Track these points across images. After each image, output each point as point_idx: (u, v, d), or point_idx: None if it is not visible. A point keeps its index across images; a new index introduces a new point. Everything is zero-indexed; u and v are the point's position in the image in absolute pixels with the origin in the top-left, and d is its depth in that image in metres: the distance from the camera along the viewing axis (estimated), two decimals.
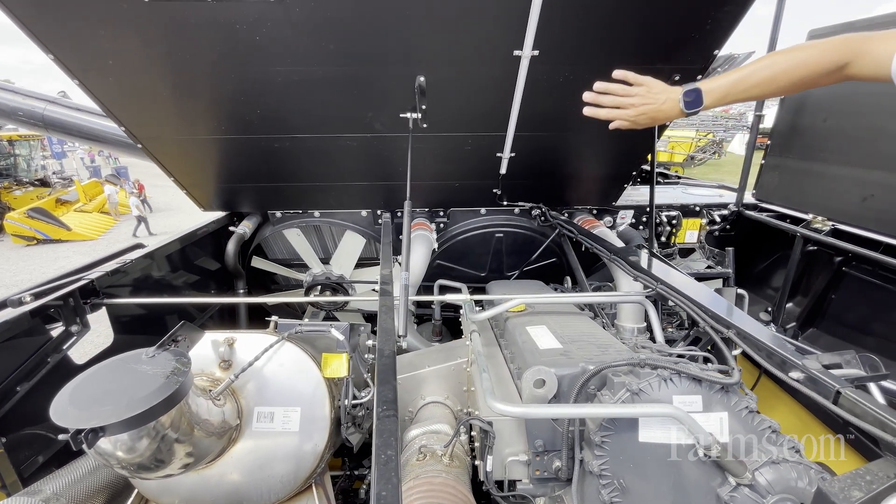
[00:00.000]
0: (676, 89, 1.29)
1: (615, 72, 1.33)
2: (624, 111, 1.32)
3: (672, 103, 1.28)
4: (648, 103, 1.30)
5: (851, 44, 1.13)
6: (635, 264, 1.85)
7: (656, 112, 1.30)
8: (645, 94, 1.30)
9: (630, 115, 1.32)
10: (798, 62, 1.17)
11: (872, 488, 0.87)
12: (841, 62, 1.13)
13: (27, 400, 1.47)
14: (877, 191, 2.08)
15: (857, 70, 1.13)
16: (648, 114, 1.31)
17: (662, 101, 1.29)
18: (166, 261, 2.30)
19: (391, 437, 0.87)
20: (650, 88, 1.30)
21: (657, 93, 1.29)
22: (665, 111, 1.30)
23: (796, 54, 1.19)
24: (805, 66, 1.17)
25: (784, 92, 1.24)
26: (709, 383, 1.16)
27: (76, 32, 1.58)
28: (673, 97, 1.28)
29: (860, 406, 0.97)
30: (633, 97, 1.30)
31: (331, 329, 1.43)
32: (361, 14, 1.55)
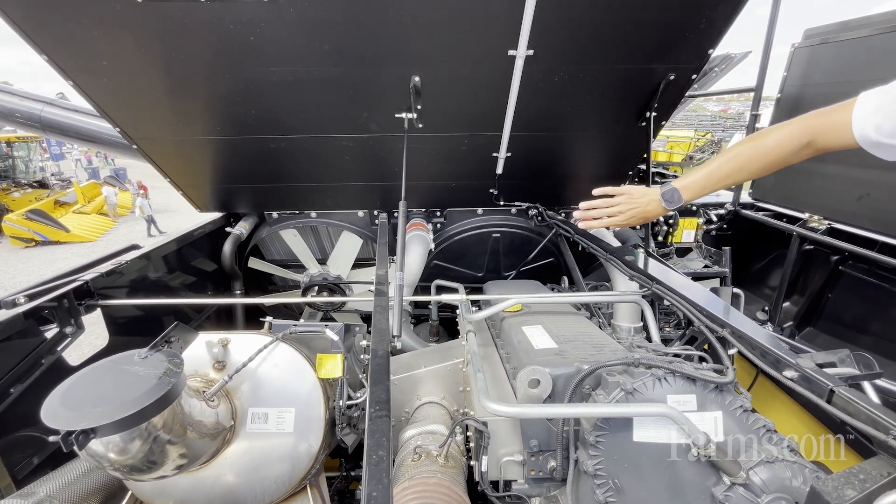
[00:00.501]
0: (655, 190, 1.39)
1: (594, 191, 1.47)
2: (614, 218, 1.44)
3: (655, 204, 1.39)
4: (633, 207, 1.41)
5: (809, 122, 1.17)
6: (631, 264, 1.85)
7: (643, 213, 1.42)
8: (627, 202, 1.42)
9: (620, 220, 1.44)
10: (762, 149, 1.23)
11: (866, 487, 0.87)
12: (804, 141, 1.18)
13: (21, 402, 1.47)
14: (872, 189, 2.08)
15: (824, 143, 1.16)
16: (637, 216, 1.42)
17: (646, 204, 1.40)
18: (162, 262, 2.30)
19: (383, 438, 0.87)
20: (630, 195, 1.42)
21: (638, 198, 1.41)
22: (651, 210, 1.41)
23: (758, 143, 1.24)
24: (769, 152, 1.22)
25: (759, 174, 1.30)
26: (703, 382, 1.16)
27: (70, 34, 1.58)
28: (654, 198, 1.39)
29: (853, 405, 0.97)
30: (618, 205, 1.43)
31: (325, 330, 1.43)
32: (355, 14, 1.55)
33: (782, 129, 1.21)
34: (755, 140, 1.26)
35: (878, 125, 1.04)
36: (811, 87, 2.46)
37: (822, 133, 1.15)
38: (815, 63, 2.44)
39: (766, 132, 1.24)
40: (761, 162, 1.24)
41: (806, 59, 2.49)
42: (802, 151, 1.19)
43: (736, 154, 1.28)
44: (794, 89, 2.56)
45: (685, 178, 1.37)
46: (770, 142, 1.22)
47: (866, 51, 2.17)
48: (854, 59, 2.23)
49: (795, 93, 2.55)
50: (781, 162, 1.23)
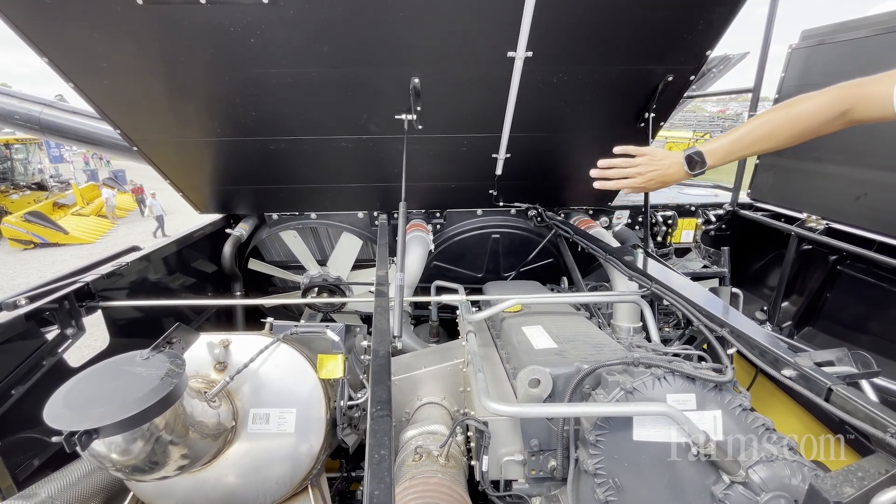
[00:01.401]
0: (678, 154, 1.33)
1: (616, 148, 1.40)
2: (632, 180, 1.38)
3: (677, 167, 1.33)
4: (654, 169, 1.36)
5: (848, 91, 1.14)
6: (630, 264, 1.86)
7: (663, 176, 1.36)
8: (648, 163, 1.36)
9: (638, 182, 1.38)
10: (796, 115, 1.19)
11: (864, 484, 0.88)
12: (840, 110, 1.14)
13: (22, 403, 1.47)
14: (870, 189, 2.09)
15: (861, 114, 1.13)
16: (656, 179, 1.37)
17: (667, 166, 1.34)
18: (163, 263, 2.30)
19: (384, 437, 0.87)
20: (652, 157, 1.36)
21: (660, 159, 1.35)
22: (672, 174, 1.35)
23: (794, 108, 1.20)
24: (804, 118, 1.18)
25: (787, 144, 1.24)
26: (702, 382, 1.17)
27: (70, 36, 1.58)
28: (676, 161, 1.33)
29: (851, 403, 0.98)
30: (638, 167, 1.37)
31: (326, 330, 1.43)
32: (355, 16, 1.56)
33: (818, 97, 1.17)
34: (789, 107, 1.21)
35: None
36: (809, 88, 2.44)
37: (859, 102, 1.12)
38: (813, 64, 2.46)
39: (799, 99, 1.20)
40: (793, 129, 1.19)
41: (803, 59, 2.51)
42: (836, 121, 1.16)
43: (767, 120, 1.23)
44: (792, 90, 2.57)
45: (711, 143, 1.31)
46: (804, 108, 1.18)
47: (863, 52, 2.18)
48: (851, 60, 2.24)
49: (793, 93, 2.52)
50: (813, 131, 1.19)
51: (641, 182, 1.38)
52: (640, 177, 1.37)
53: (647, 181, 1.37)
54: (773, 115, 1.23)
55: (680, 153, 1.33)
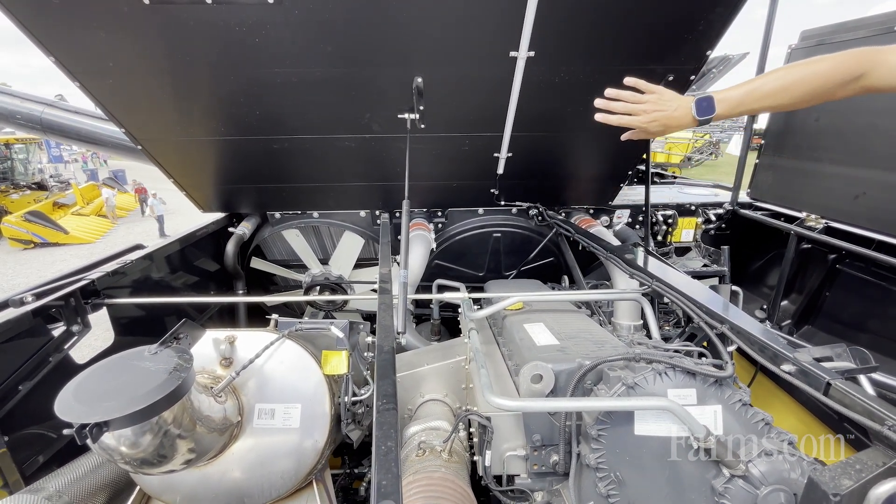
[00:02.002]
0: (688, 98, 1.28)
1: (626, 79, 1.31)
2: (635, 118, 1.30)
3: (684, 110, 1.27)
4: (660, 110, 1.28)
5: (866, 55, 1.13)
6: (631, 262, 1.87)
7: (668, 119, 1.28)
8: (656, 101, 1.28)
9: (642, 121, 1.30)
10: (812, 72, 1.17)
11: (862, 476, 0.89)
12: (856, 73, 1.13)
13: (29, 399, 1.48)
14: (869, 188, 2.11)
15: (874, 81, 1.13)
16: (660, 120, 1.29)
17: (674, 109, 1.27)
18: (166, 261, 2.32)
19: (391, 430, 0.89)
20: (661, 96, 1.29)
21: (668, 100, 1.28)
22: (677, 118, 1.28)
23: (810, 66, 1.18)
24: (819, 77, 1.16)
25: (798, 103, 1.22)
26: (703, 377, 1.18)
27: (77, 35, 1.60)
28: (685, 105, 1.27)
29: (850, 397, 0.99)
30: (645, 104, 1.29)
31: (330, 327, 1.45)
32: (359, 16, 1.57)
33: (837, 57, 1.15)
34: (806, 64, 1.19)
35: None
36: None
37: (876, 68, 1.11)
38: None
39: (818, 58, 1.18)
40: (808, 86, 1.17)
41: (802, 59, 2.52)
42: (851, 85, 1.15)
43: (784, 73, 1.20)
44: None
45: (723, 91, 1.27)
46: (821, 67, 1.16)
47: None
48: None
49: None
50: (827, 92, 1.17)
51: (645, 121, 1.29)
52: (645, 115, 1.28)
53: (651, 121, 1.29)
54: (790, 71, 1.20)
55: (690, 97, 1.27)
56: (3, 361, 1.43)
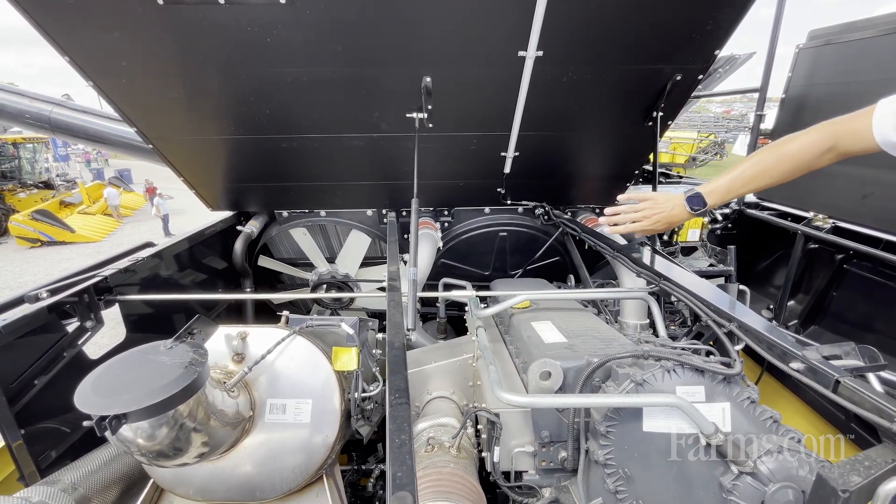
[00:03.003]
0: (679, 196, 1.42)
1: (619, 197, 1.52)
2: (639, 224, 1.48)
3: (679, 209, 1.43)
4: (658, 212, 1.45)
5: (830, 129, 1.22)
6: (638, 261, 1.88)
7: (668, 217, 1.45)
8: (652, 206, 1.46)
9: (646, 225, 1.47)
10: (784, 156, 1.28)
11: (871, 473, 0.90)
12: (826, 147, 1.22)
13: (43, 394, 1.51)
14: (876, 188, 2.11)
15: (846, 149, 1.21)
16: (662, 220, 1.46)
17: (670, 209, 1.44)
18: (176, 259, 2.34)
19: (404, 423, 0.90)
20: (655, 201, 1.46)
21: (662, 202, 1.45)
22: (676, 215, 1.44)
23: (781, 149, 1.29)
24: (792, 158, 1.27)
25: (782, 180, 1.32)
26: (711, 374, 1.19)
27: (92, 35, 1.62)
28: (678, 203, 1.42)
29: (859, 394, 1.00)
30: (643, 210, 1.47)
31: (341, 323, 1.46)
32: (369, 16, 1.59)
33: (804, 136, 1.25)
34: (778, 146, 1.30)
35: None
36: (815, 88, 2.49)
37: (843, 138, 1.20)
38: (820, 64, 2.47)
39: (788, 139, 1.29)
40: (784, 167, 1.28)
41: (810, 59, 2.52)
42: (825, 156, 1.24)
43: (759, 160, 1.32)
44: (799, 90, 2.59)
45: (710, 184, 1.40)
46: (792, 148, 1.26)
47: (870, 52, 2.19)
48: (858, 60, 2.26)
49: (800, 93, 2.58)
50: (805, 167, 1.27)
51: (648, 224, 1.47)
52: (647, 220, 1.46)
53: (654, 223, 1.46)
54: (765, 156, 1.32)
55: (681, 195, 1.43)
56: (19, 356, 1.46)
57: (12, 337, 1.41)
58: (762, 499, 1.11)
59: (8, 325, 1.38)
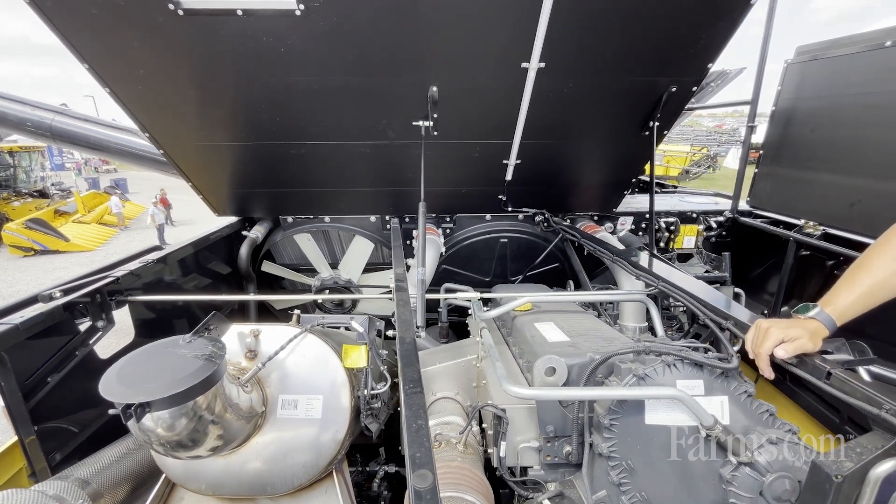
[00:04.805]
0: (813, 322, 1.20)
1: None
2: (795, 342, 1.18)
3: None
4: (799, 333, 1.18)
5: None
6: (637, 264, 1.94)
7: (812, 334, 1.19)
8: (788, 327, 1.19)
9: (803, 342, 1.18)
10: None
11: (862, 458, 0.95)
12: None
13: (56, 391, 1.53)
14: (863, 196, 2.19)
15: None
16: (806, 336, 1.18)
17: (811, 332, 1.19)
18: (183, 263, 2.38)
19: (420, 410, 0.94)
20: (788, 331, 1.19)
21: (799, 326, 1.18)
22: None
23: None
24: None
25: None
26: (710, 368, 1.24)
27: (112, 44, 1.68)
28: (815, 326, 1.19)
29: (849, 384, 1.05)
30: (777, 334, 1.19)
31: (352, 322, 1.50)
32: (380, 27, 1.66)
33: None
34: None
35: None
36: (804, 101, 2.59)
37: None
38: (807, 78, 2.58)
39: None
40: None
41: (798, 74, 2.63)
42: None
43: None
44: (788, 103, 2.70)
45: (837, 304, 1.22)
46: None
47: (854, 67, 2.30)
48: (843, 75, 2.37)
49: (789, 106, 2.69)
50: None
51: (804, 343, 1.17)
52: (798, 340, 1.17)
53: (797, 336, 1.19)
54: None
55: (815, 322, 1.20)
56: (34, 353, 1.48)
57: (28, 334, 1.44)
58: (760, 489, 1.16)
59: (25, 321, 1.41)
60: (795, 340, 1.16)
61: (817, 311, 1.21)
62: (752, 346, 1.23)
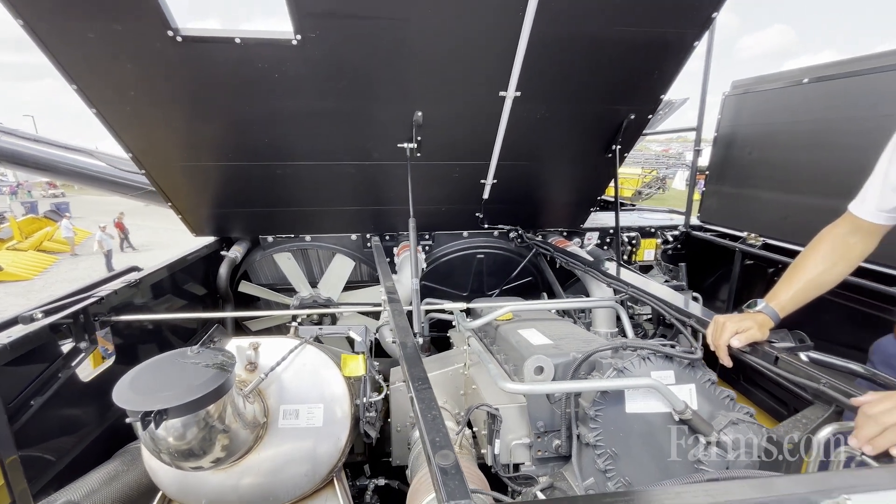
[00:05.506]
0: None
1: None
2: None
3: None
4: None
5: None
6: (607, 273, 2.12)
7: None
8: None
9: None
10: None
11: (807, 427, 1.12)
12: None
13: (39, 415, 1.48)
14: (794, 210, 2.51)
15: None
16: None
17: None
18: (159, 284, 2.34)
19: (432, 402, 1.03)
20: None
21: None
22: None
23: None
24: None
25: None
26: (678, 359, 1.40)
27: (104, 66, 1.71)
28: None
29: (793, 365, 1.24)
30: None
31: (350, 331, 1.57)
32: (370, 56, 1.80)
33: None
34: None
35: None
36: (741, 128, 2.95)
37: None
38: (742, 108, 2.94)
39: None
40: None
41: (734, 104, 2.99)
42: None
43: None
44: (727, 129, 3.05)
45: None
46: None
47: (780, 99, 2.66)
48: (771, 106, 2.73)
49: (728, 132, 3.04)
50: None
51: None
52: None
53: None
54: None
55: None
56: (18, 375, 1.44)
57: (13, 355, 1.41)
58: (727, 465, 1.31)
59: (13, 342, 1.38)
60: (747, 331, 1.35)
61: (763, 305, 1.41)
62: (712, 339, 1.42)
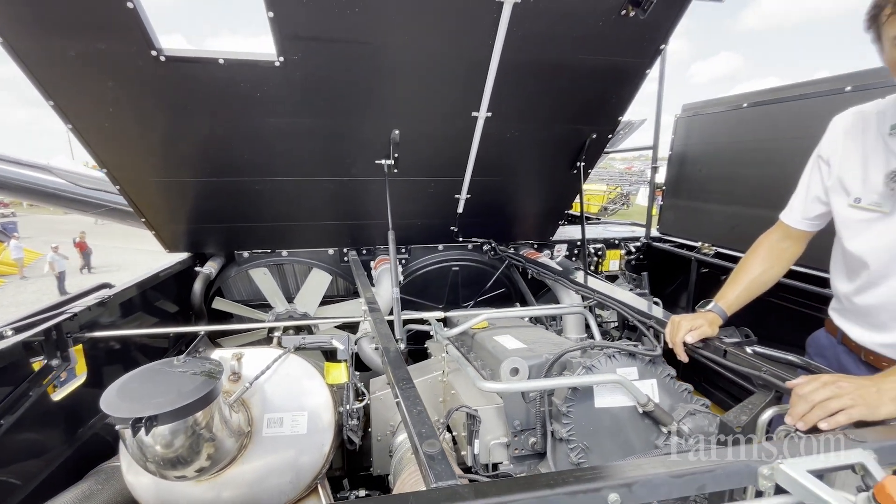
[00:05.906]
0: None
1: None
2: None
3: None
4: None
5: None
6: (576, 281, 2.26)
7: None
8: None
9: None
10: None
11: (753, 411, 1.26)
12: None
13: (8, 435, 1.44)
14: (740, 220, 2.75)
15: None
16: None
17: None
18: (131, 301, 2.30)
19: (417, 399, 1.10)
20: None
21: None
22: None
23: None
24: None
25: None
26: (641, 357, 1.53)
27: (83, 84, 1.73)
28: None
29: (739, 357, 1.38)
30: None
31: (333, 340, 1.61)
32: (350, 77, 1.89)
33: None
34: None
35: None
36: (692, 147, 3.21)
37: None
38: (692, 129, 3.21)
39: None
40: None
41: (686, 126, 3.26)
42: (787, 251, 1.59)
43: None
44: (680, 148, 3.31)
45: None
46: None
47: (724, 121, 2.93)
48: (717, 127, 3.00)
49: (681, 151, 3.30)
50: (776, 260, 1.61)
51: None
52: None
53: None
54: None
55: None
56: None
57: None
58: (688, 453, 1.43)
59: None
60: (700, 328, 1.49)
61: (713, 304, 1.58)
62: (670, 337, 1.55)
